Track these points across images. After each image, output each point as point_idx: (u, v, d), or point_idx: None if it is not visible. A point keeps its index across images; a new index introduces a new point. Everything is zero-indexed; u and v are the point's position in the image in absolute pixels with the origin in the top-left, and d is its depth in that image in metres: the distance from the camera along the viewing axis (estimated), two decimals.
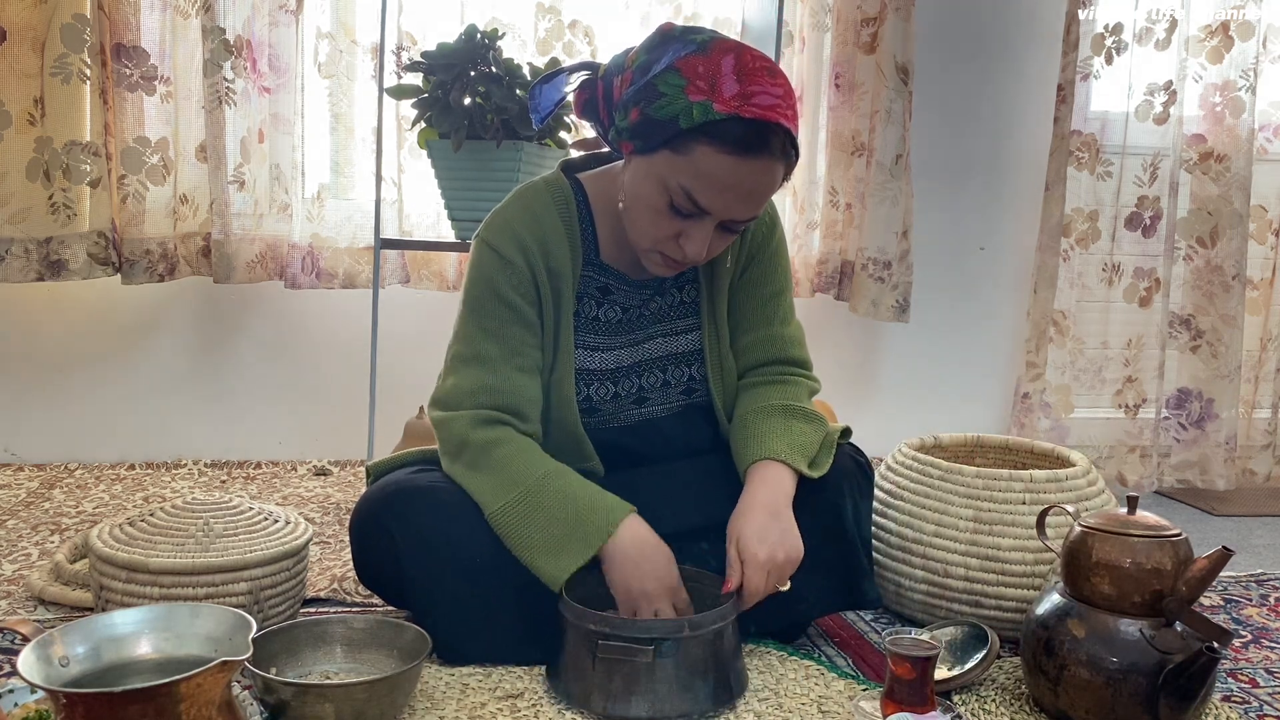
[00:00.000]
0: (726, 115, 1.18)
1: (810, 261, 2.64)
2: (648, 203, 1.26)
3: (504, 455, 1.33)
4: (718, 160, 1.20)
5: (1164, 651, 1.17)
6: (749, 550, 1.28)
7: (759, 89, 1.19)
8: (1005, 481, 1.52)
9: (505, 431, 1.35)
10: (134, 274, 2.22)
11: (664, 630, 1.22)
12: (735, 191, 1.22)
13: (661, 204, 1.25)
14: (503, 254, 1.35)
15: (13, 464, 2.36)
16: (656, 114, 1.21)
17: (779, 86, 1.21)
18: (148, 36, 2.20)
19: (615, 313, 1.44)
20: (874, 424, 2.62)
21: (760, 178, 1.22)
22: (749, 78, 1.19)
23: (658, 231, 1.28)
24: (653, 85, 1.21)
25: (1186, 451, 2.69)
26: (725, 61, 1.20)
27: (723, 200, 1.23)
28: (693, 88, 1.19)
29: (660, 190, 1.24)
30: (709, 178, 1.21)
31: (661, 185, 1.24)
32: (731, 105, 1.18)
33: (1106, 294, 2.67)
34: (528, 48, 2.43)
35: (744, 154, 1.20)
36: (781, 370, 1.50)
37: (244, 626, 1.05)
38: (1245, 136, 2.59)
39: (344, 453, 2.51)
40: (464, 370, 1.37)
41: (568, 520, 1.29)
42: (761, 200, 1.26)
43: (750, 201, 1.24)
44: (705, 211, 1.24)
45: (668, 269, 1.33)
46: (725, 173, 1.20)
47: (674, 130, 1.20)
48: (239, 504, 1.46)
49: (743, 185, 1.22)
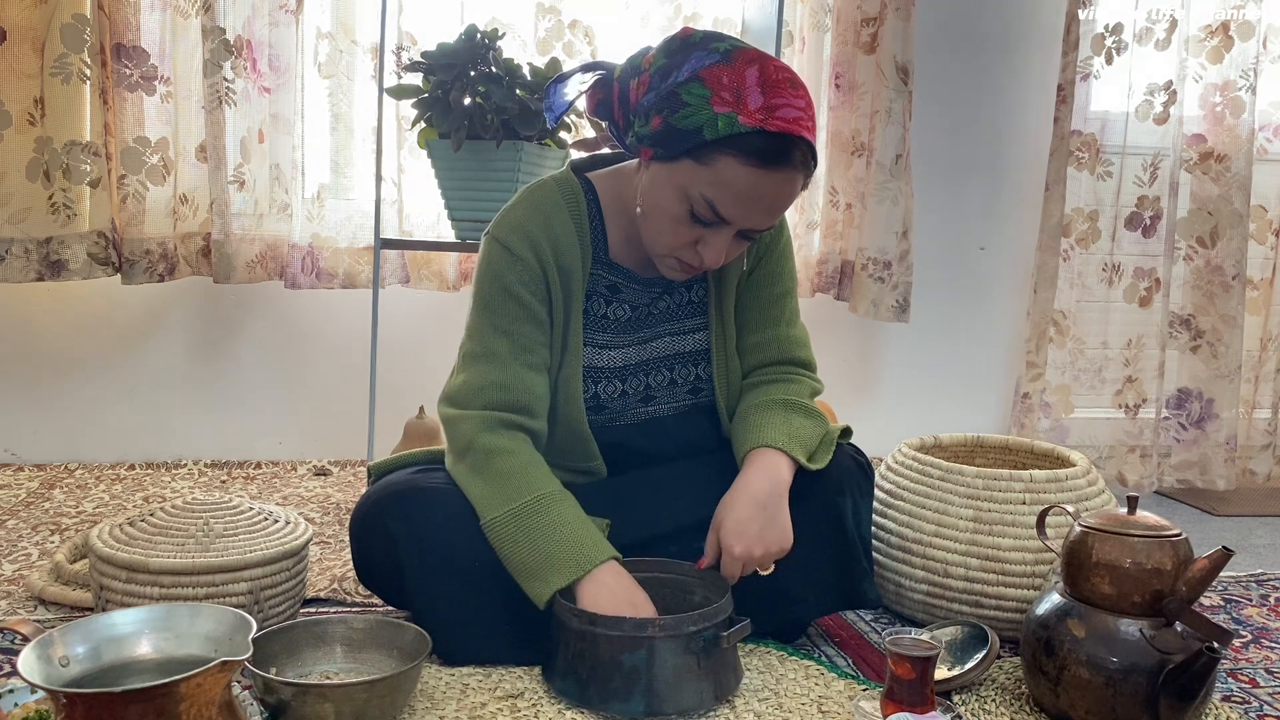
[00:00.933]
0: (752, 129, 1.19)
1: (810, 261, 2.64)
2: (667, 210, 1.27)
3: (506, 467, 1.33)
4: (741, 172, 1.21)
5: (1164, 651, 1.17)
6: (725, 542, 1.31)
7: (783, 101, 1.20)
8: (1005, 481, 1.52)
9: (513, 440, 1.35)
10: (134, 274, 2.22)
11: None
12: (757, 202, 1.24)
13: (682, 212, 1.26)
14: (513, 250, 1.36)
15: (13, 464, 2.36)
16: (680, 124, 1.22)
17: (801, 99, 1.23)
18: (148, 36, 2.20)
19: (624, 311, 1.44)
20: (874, 424, 2.62)
21: (782, 189, 1.24)
22: (773, 90, 1.20)
23: (676, 239, 1.29)
24: (676, 94, 1.22)
25: (1186, 451, 2.69)
26: (750, 73, 1.21)
27: (744, 210, 1.25)
28: (718, 99, 1.20)
29: (681, 198, 1.25)
30: (731, 188, 1.22)
31: (682, 194, 1.25)
32: (757, 119, 1.19)
33: (1106, 294, 2.67)
34: (528, 48, 2.43)
35: (767, 166, 1.21)
36: (786, 370, 1.50)
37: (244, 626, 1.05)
38: (1245, 136, 2.59)
39: (344, 453, 2.51)
40: (474, 367, 1.37)
41: (549, 550, 1.28)
42: (781, 210, 1.28)
43: (770, 212, 1.26)
44: (725, 221, 1.26)
45: (683, 274, 1.35)
46: (748, 184, 1.22)
47: (698, 141, 1.21)
48: (239, 504, 1.46)
49: (764, 196, 1.24)
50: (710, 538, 1.34)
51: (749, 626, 1.29)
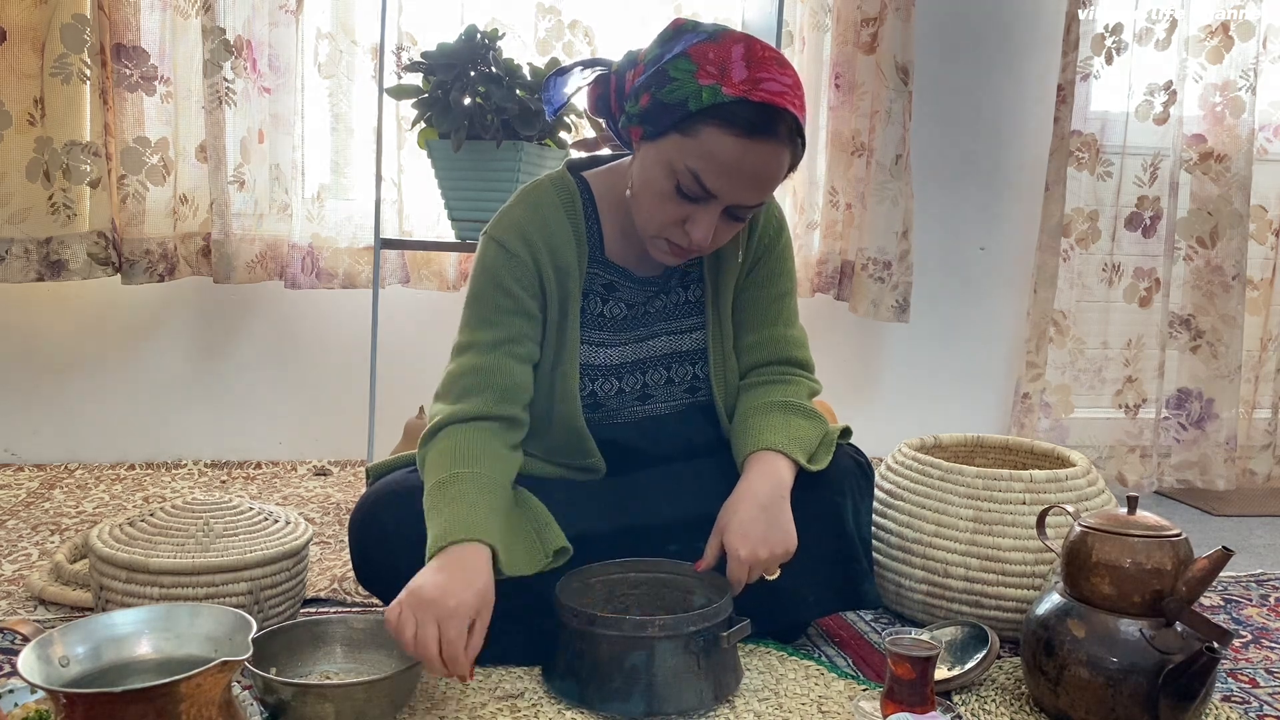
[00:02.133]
0: (735, 98, 1.20)
1: (810, 261, 2.64)
2: (655, 187, 1.27)
3: (448, 445, 1.31)
4: (725, 142, 1.21)
5: (1164, 651, 1.17)
6: (730, 546, 1.30)
7: (768, 76, 1.21)
8: (1005, 481, 1.52)
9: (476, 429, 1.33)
10: (134, 274, 2.22)
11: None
12: (742, 174, 1.23)
13: (669, 188, 1.26)
14: (508, 248, 1.36)
15: (13, 464, 2.36)
16: (666, 98, 1.22)
17: (788, 76, 1.23)
18: (148, 36, 2.20)
19: (620, 309, 1.44)
20: (874, 424, 2.62)
21: (767, 161, 1.24)
22: (758, 65, 1.21)
23: (664, 216, 1.28)
24: (664, 71, 1.23)
25: (1186, 451, 2.69)
26: (735, 49, 1.22)
27: (729, 183, 1.24)
28: (703, 72, 1.21)
29: (668, 173, 1.25)
30: (716, 159, 1.22)
31: (669, 168, 1.25)
32: (740, 89, 1.20)
33: (1106, 294, 2.67)
34: (528, 48, 2.43)
35: (751, 136, 1.21)
36: (783, 370, 1.50)
37: (244, 626, 1.05)
38: (1245, 136, 2.59)
39: (344, 453, 2.51)
40: (458, 358, 1.38)
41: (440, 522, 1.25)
42: (768, 186, 1.27)
43: (756, 186, 1.26)
44: (712, 195, 1.25)
45: (674, 257, 1.33)
46: (732, 155, 1.22)
47: (683, 113, 1.22)
48: (239, 504, 1.46)
49: (749, 168, 1.23)
50: (712, 541, 1.33)
51: (749, 626, 1.29)
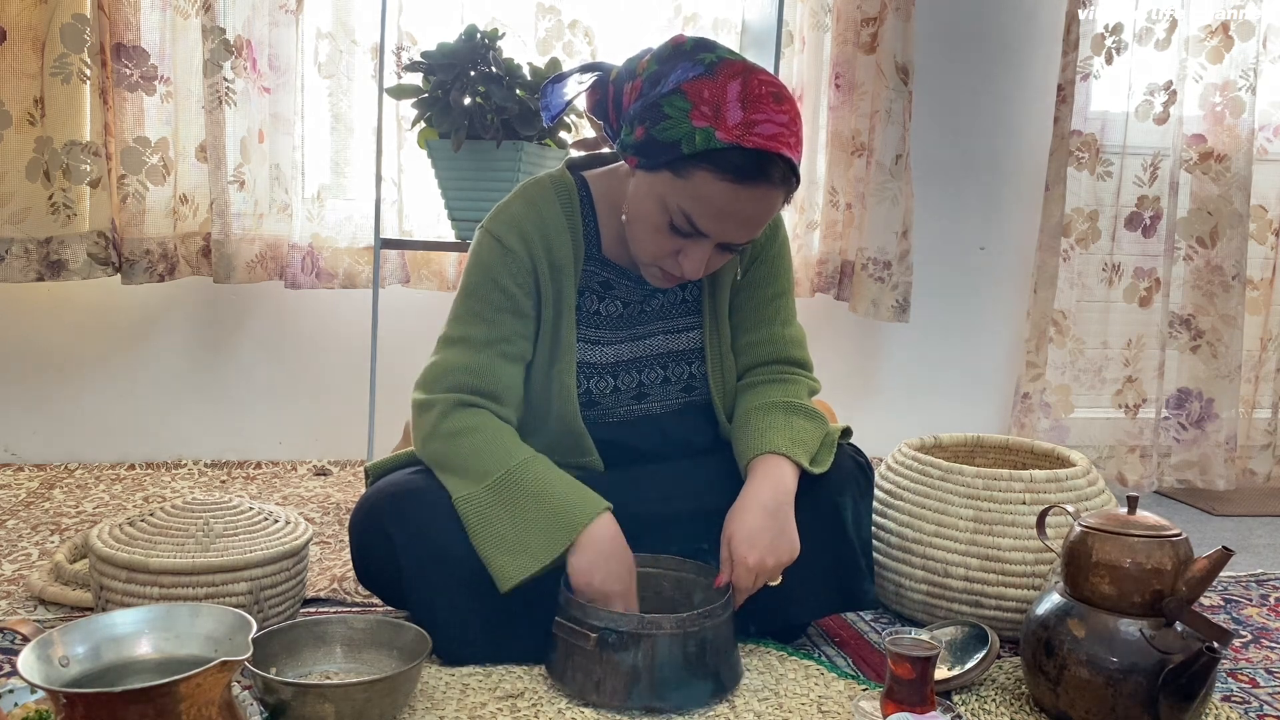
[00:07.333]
0: (728, 144, 1.19)
1: (810, 261, 2.64)
2: (649, 219, 1.28)
3: (474, 445, 1.33)
4: (717, 187, 1.21)
5: (1164, 651, 1.17)
6: (739, 553, 1.30)
7: (763, 117, 1.20)
8: (1005, 481, 1.52)
9: (478, 417, 1.35)
10: (134, 274, 2.22)
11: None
12: (733, 217, 1.24)
13: (662, 222, 1.27)
14: (505, 243, 1.36)
15: (13, 464, 2.36)
16: (660, 135, 1.22)
17: (784, 114, 1.22)
18: (148, 36, 2.20)
19: (616, 307, 1.45)
20: (874, 424, 2.62)
21: (758, 205, 1.24)
22: (754, 105, 1.20)
23: (657, 248, 1.30)
24: (658, 105, 1.22)
25: (1186, 451, 2.69)
26: (731, 87, 1.20)
27: (720, 225, 1.25)
28: (697, 113, 1.20)
29: (660, 209, 1.26)
30: (707, 203, 1.23)
31: (662, 204, 1.26)
32: (734, 134, 1.19)
33: (1106, 294, 2.67)
34: (528, 48, 2.43)
35: (743, 182, 1.21)
36: (781, 370, 1.50)
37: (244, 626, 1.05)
38: (1245, 136, 2.59)
39: (344, 453, 2.51)
40: (446, 350, 1.38)
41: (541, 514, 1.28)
42: (759, 226, 1.28)
43: (747, 227, 1.27)
44: (703, 234, 1.26)
45: (666, 282, 1.35)
46: (724, 199, 1.22)
47: (676, 154, 1.21)
48: (239, 504, 1.46)
49: (741, 212, 1.24)
50: (723, 551, 1.33)
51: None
